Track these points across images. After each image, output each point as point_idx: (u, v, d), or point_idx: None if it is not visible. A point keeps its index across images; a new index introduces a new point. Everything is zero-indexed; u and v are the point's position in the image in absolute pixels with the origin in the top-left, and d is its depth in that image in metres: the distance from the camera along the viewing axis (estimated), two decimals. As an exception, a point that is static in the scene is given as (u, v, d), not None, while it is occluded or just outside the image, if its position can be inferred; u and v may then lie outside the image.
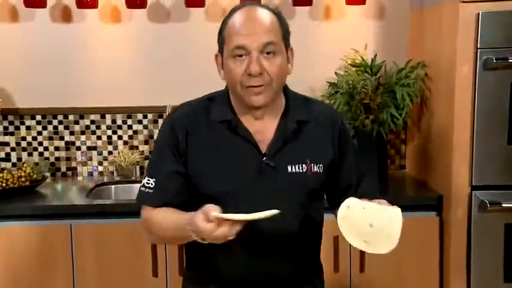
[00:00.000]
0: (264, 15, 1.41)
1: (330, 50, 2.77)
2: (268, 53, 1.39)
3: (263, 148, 1.46)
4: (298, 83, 2.79)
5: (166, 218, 1.44)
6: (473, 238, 2.30)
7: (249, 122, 1.47)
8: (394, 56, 2.72)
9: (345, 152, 1.55)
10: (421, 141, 2.68)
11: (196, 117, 1.48)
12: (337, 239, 2.28)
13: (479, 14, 2.19)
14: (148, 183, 1.48)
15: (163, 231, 1.45)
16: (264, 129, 1.48)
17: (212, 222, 1.26)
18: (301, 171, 1.47)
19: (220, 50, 1.45)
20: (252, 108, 1.44)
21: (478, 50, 2.21)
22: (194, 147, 1.47)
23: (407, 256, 2.38)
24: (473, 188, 2.29)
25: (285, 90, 1.52)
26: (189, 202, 1.47)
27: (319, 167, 1.49)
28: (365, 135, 2.62)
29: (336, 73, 2.65)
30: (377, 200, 1.40)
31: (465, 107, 2.26)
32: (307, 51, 2.77)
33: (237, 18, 1.41)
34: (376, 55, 2.63)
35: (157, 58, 2.81)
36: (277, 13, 1.45)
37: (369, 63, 2.59)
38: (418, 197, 2.52)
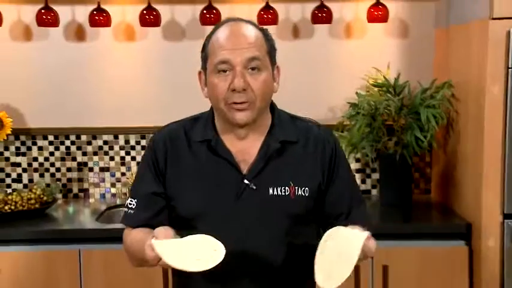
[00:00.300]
0: (249, 30, 1.39)
1: (350, 69, 2.70)
2: (253, 69, 1.36)
3: (244, 169, 1.41)
4: (317, 103, 2.81)
5: (136, 238, 1.40)
6: (506, 270, 2.16)
7: (231, 142, 1.43)
8: (418, 76, 2.62)
9: (336, 177, 1.46)
10: (448, 164, 2.56)
11: (177, 137, 1.45)
12: (357, 270, 2.15)
13: (510, 31, 2.08)
14: (130, 204, 1.46)
15: (133, 252, 1.41)
16: (247, 149, 1.43)
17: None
18: (283, 194, 1.40)
19: (204, 66, 1.43)
20: (236, 125, 1.40)
21: (510, 69, 2.10)
22: (173, 168, 1.43)
23: (434, 288, 2.24)
24: (506, 216, 2.15)
25: (272, 108, 1.47)
26: (170, 224, 1.42)
27: (304, 190, 1.41)
28: (388, 158, 2.53)
29: (356, 93, 2.57)
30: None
31: (496, 129, 2.14)
32: (327, 70, 2.70)
33: (221, 33, 1.39)
34: (399, 74, 2.55)
35: (172, 77, 2.74)
36: (262, 29, 1.43)
37: (392, 82, 2.51)
38: (445, 224, 2.40)
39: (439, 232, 2.28)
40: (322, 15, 2.56)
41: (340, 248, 1.25)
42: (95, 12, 2.57)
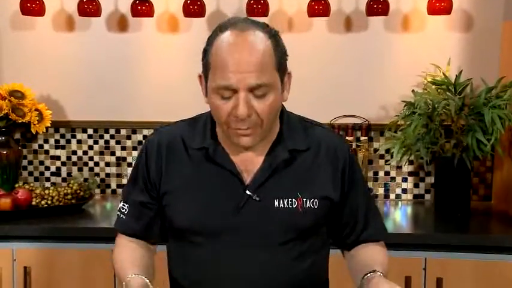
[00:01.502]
0: (256, 45, 1.22)
1: (407, 65, 2.58)
2: (257, 94, 1.23)
3: (247, 179, 1.31)
4: (369, 101, 2.66)
5: (120, 257, 1.37)
6: None
7: (233, 150, 1.32)
8: (482, 73, 2.45)
9: (350, 190, 1.38)
10: (512, 171, 2.36)
11: (173, 143, 1.35)
12: (409, 282, 1.99)
13: None
14: (123, 208, 1.41)
15: (114, 266, 1.39)
16: (251, 157, 1.32)
17: None
18: (290, 207, 1.30)
19: (205, 73, 1.28)
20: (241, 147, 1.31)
21: None
22: (168, 176, 1.34)
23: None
24: None
25: (281, 114, 1.35)
26: (166, 234, 1.41)
27: (313, 202, 1.32)
28: (444, 162, 2.41)
29: (413, 91, 2.44)
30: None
31: None
32: (381, 66, 2.59)
33: (225, 46, 1.21)
34: (461, 71, 2.40)
35: (216, 71, 2.63)
36: (271, 34, 1.26)
37: (452, 80, 2.37)
38: (506, 236, 2.19)
39: (498, 245, 2.11)
40: (378, 7, 2.44)
41: None
42: (137, 2, 2.50)
